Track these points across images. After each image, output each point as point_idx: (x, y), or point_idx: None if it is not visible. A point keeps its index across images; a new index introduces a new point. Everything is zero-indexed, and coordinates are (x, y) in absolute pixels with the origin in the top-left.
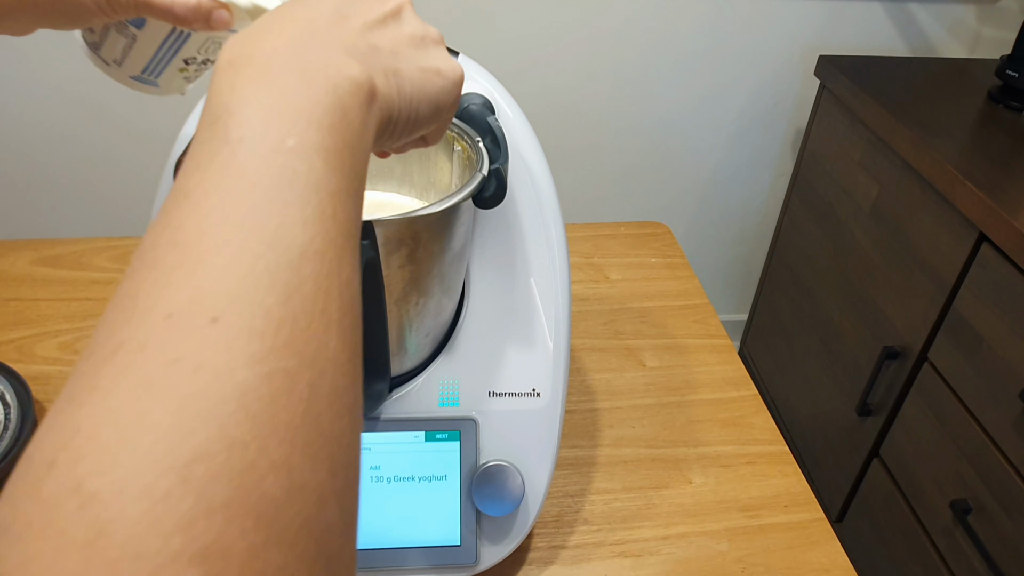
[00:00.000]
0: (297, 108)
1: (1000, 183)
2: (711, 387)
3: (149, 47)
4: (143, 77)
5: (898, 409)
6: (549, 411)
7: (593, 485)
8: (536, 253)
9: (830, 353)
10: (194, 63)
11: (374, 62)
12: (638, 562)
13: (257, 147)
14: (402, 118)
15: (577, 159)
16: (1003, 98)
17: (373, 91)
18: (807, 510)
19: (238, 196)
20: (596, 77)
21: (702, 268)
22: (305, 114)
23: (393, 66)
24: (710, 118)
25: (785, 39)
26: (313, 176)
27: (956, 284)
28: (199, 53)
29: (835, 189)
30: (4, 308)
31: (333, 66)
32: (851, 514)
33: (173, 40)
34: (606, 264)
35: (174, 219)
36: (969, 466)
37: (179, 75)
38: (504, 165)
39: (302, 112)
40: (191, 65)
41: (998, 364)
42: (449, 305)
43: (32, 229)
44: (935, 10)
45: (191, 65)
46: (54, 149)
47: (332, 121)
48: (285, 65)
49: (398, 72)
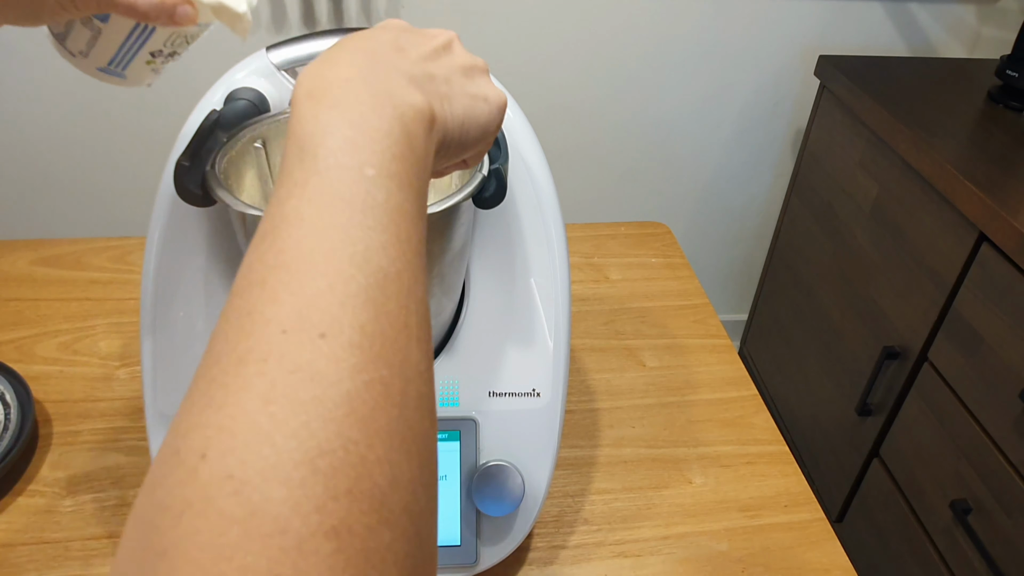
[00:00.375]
0: (372, 138)
1: (1000, 183)
2: (711, 387)
3: (114, 41)
4: (109, 69)
5: (898, 409)
6: (549, 411)
7: (593, 485)
8: (536, 253)
9: (830, 353)
10: (161, 56)
11: (431, 89)
12: (638, 562)
13: (343, 176)
14: (454, 141)
15: (577, 159)
16: (1003, 98)
17: (432, 117)
18: (807, 510)
19: (329, 222)
20: (596, 77)
21: (702, 268)
22: (380, 144)
23: (447, 93)
24: (710, 118)
25: (785, 39)
26: (390, 203)
27: (956, 284)
28: (165, 47)
29: (835, 189)
30: (4, 308)
31: (398, 94)
32: (851, 514)
33: (139, 35)
34: (606, 264)
35: (276, 241)
36: (969, 466)
37: (146, 67)
38: (504, 165)
39: (377, 142)
40: (158, 58)
41: (998, 364)
42: (449, 305)
43: (32, 229)
44: (935, 10)
45: (158, 58)
46: (54, 149)
47: (402, 150)
48: (357, 96)
49: (451, 99)
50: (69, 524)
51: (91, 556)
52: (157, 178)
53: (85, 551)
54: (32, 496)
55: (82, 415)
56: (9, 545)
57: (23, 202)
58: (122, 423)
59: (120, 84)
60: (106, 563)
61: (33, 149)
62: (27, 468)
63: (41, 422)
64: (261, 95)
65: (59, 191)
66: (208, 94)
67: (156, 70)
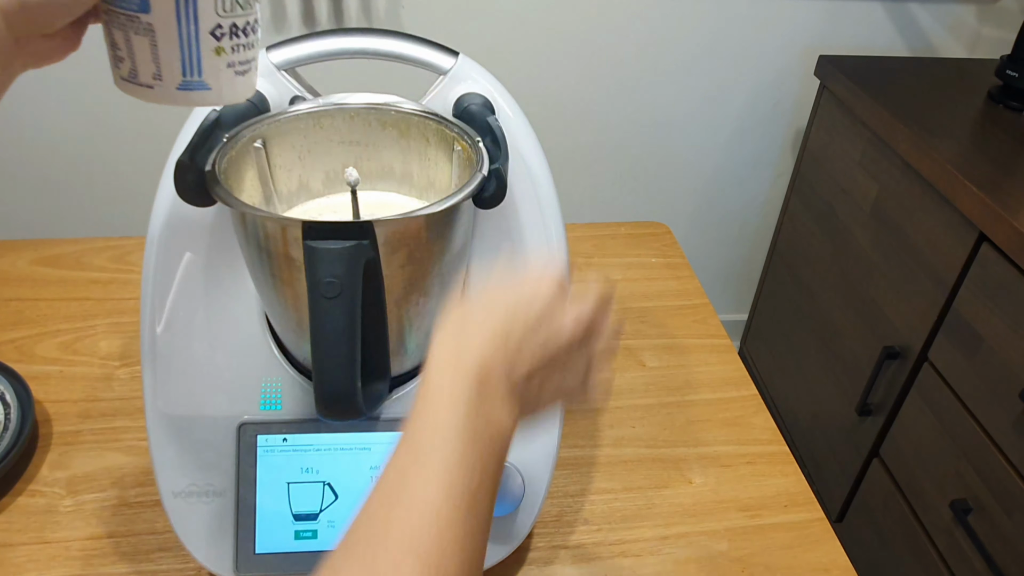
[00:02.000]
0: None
1: (1000, 183)
2: (711, 387)
3: (170, 33)
4: (188, 82)
5: (898, 409)
6: None
7: (593, 485)
8: (536, 253)
9: (830, 353)
10: (225, 36)
11: (525, 402)
12: (638, 562)
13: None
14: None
15: (577, 159)
16: (1003, 98)
17: (512, 431)
18: (807, 510)
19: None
20: (596, 77)
21: (702, 268)
22: (482, 458)
23: (537, 404)
24: (710, 118)
25: (785, 39)
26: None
27: (956, 284)
28: (221, 14)
29: (835, 189)
30: (4, 308)
31: (496, 420)
32: (851, 514)
33: (186, 12)
34: (606, 264)
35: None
36: (969, 466)
37: (221, 62)
38: (504, 165)
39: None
40: (223, 40)
41: (998, 364)
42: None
43: (32, 229)
44: (935, 10)
45: (223, 40)
46: (54, 149)
47: (492, 465)
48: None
49: (539, 406)
50: (69, 524)
51: (91, 556)
52: (157, 178)
53: (85, 551)
54: (32, 496)
55: (82, 415)
56: (9, 545)
57: (23, 202)
58: (122, 423)
59: (215, 101)
60: (106, 563)
61: (33, 149)
62: (27, 468)
63: (41, 422)
64: (261, 95)
65: (59, 191)
66: None
67: (233, 65)
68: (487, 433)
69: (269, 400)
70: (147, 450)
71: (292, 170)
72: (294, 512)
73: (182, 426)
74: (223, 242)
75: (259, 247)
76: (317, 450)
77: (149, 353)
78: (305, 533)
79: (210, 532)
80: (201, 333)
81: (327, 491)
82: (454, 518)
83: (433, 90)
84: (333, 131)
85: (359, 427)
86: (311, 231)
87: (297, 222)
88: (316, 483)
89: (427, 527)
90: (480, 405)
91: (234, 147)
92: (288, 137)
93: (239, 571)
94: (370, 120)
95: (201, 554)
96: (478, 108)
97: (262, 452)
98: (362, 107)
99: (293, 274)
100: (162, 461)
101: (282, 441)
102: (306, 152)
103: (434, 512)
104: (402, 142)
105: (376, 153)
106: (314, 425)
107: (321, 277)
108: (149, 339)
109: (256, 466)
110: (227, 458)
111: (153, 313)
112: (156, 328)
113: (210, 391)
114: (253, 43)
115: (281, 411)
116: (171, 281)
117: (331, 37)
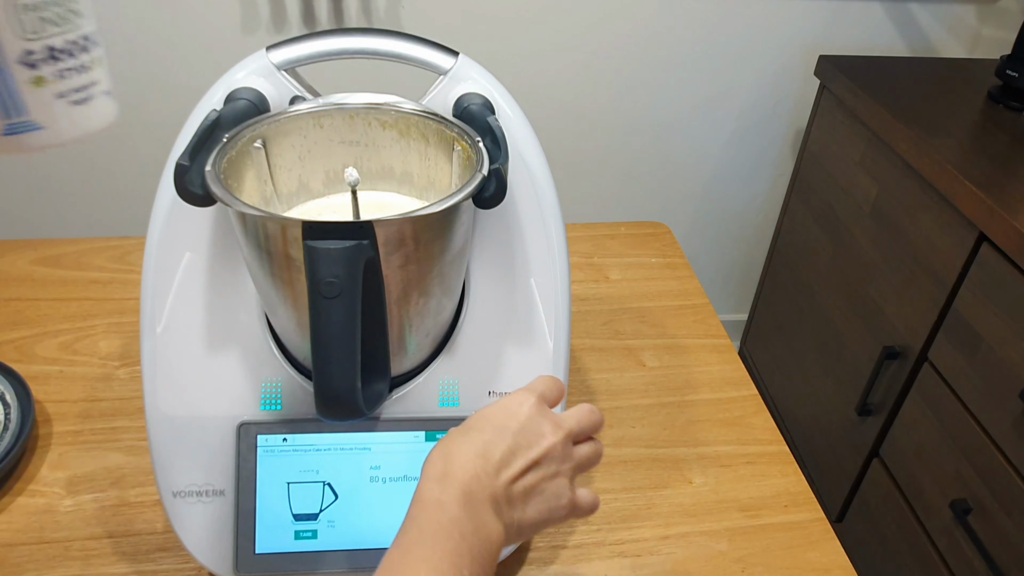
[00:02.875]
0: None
1: (1000, 183)
2: (711, 387)
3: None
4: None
5: (898, 409)
6: None
7: (593, 485)
8: (536, 253)
9: (830, 353)
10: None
11: (508, 513)
12: (638, 562)
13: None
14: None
15: (577, 159)
16: (1003, 98)
17: (501, 540)
18: (807, 510)
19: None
20: (596, 77)
21: (702, 268)
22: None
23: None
24: (710, 118)
25: (785, 39)
26: None
27: (956, 284)
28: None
29: (835, 189)
30: (4, 308)
31: (484, 524)
32: (851, 514)
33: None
34: (606, 264)
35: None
36: (969, 466)
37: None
38: (504, 165)
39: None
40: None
41: (998, 364)
42: (449, 305)
43: (32, 229)
44: (935, 10)
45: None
46: (54, 149)
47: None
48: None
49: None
50: (69, 524)
51: (91, 556)
52: (157, 178)
53: (85, 551)
54: (32, 496)
55: (82, 415)
56: (9, 545)
57: (23, 202)
58: (122, 423)
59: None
60: (106, 563)
61: None
62: (27, 468)
63: (41, 422)
64: (261, 95)
65: (59, 191)
66: (208, 94)
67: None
68: (476, 536)
69: (269, 400)
70: (147, 450)
71: (292, 170)
72: (294, 512)
73: (182, 426)
74: (223, 242)
75: (259, 247)
76: (317, 450)
77: (149, 353)
78: (305, 533)
79: (210, 532)
80: (201, 333)
81: (327, 491)
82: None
83: (433, 90)
84: (333, 131)
85: (359, 427)
86: (311, 231)
87: (297, 222)
88: (316, 483)
89: None
90: (470, 511)
91: (234, 147)
92: (288, 137)
93: (239, 571)
94: (370, 120)
95: (201, 554)
96: (478, 108)
97: (262, 452)
98: (362, 107)
99: (293, 274)
100: (162, 461)
101: (282, 441)
102: (306, 152)
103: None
104: (402, 142)
105: (376, 153)
106: (314, 425)
107: (321, 277)
108: (149, 339)
109: (256, 466)
110: (227, 458)
111: (153, 313)
112: (156, 328)
113: (210, 391)
114: (88, 64)
115: (281, 411)
116: (171, 281)
117: (331, 37)
